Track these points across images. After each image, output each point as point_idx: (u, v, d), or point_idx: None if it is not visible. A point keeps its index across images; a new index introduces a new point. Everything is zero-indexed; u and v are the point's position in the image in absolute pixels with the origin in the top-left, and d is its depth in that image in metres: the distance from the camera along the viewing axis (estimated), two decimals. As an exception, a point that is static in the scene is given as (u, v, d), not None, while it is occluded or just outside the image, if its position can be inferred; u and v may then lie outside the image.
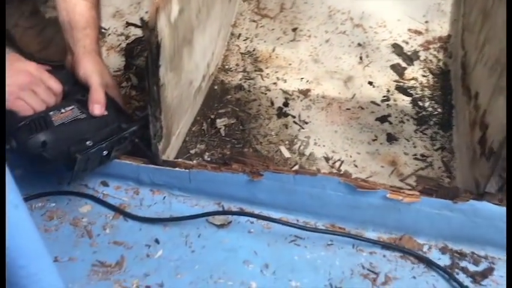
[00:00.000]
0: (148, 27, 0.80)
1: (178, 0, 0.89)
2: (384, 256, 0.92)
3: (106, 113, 0.94)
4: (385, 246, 0.93)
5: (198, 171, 0.95)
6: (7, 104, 0.86)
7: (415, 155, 1.13)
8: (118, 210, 0.97)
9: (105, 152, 0.91)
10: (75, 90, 0.96)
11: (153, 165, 0.97)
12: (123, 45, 1.36)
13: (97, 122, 0.92)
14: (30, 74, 0.90)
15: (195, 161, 0.96)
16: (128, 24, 1.41)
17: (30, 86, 0.89)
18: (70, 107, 0.92)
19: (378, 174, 1.08)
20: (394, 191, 0.90)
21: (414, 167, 1.10)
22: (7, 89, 0.85)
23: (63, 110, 0.91)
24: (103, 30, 1.38)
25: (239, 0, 1.45)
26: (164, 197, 1.00)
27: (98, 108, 0.94)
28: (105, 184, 1.02)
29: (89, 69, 0.97)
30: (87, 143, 0.88)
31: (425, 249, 0.93)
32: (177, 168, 0.96)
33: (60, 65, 1.07)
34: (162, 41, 0.84)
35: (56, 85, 0.93)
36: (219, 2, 1.21)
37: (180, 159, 0.98)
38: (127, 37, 1.38)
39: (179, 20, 0.91)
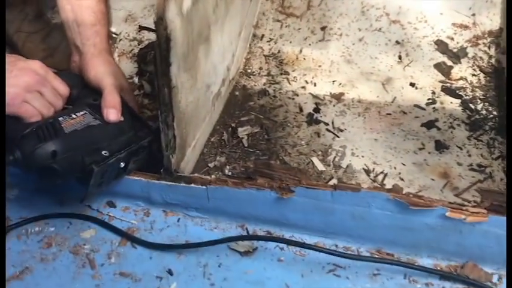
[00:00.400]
0: (156, 16, 0.67)
1: (191, -12, 0.76)
2: (443, 288, 0.76)
3: (122, 119, 0.82)
4: (444, 276, 0.77)
5: (217, 188, 0.81)
6: (11, 109, 0.75)
7: (471, 165, 0.97)
8: (125, 235, 0.84)
9: (122, 164, 0.79)
10: (85, 93, 0.85)
11: (165, 182, 0.83)
12: (136, 50, 1.24)
13: (112, 130, 0.80)
14: (36, 73, 0.78)
15: (213, 176, 0.82)
16: (141, 28, 1.29)
17: (37, 87, 0.78)
18: (81, 112, 0.80)
19: (428, 189, 0.93)
20: (454, 208, 0.75)
21: (471, 179, 0.94)
22: (11, 90, 0.75)
23: (74, 116, 0.79)
24: (114, 35, 1.27)
25: (261, -1, 1.32)
26: (178, 219, 0.86)
27: (113, 113, 0.81)
28: (111, 205, 0.89)
29: (101, 70, 0.85)
30: (103, 153, 0.77)
31: (494, 279, 0.77)
32: (192, 185, 0.82)
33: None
34: (172, 33, 0.70)
35: (63, 87, 0.82)
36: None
37: (196, 174, 0.84)
38: (140, 42, 1.26)
39: (193, 12, 0.78)
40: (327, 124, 1.05)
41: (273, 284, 0.77)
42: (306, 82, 1.14)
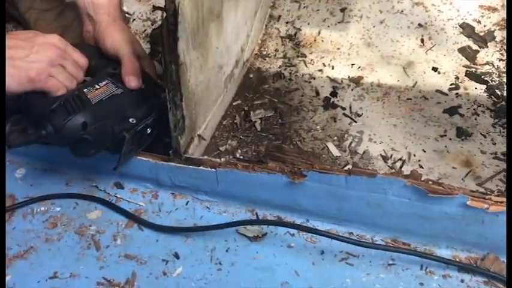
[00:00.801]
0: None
1: (203, -40, 0.72)
2: (462, 281, 0.73)
3: (143, 86, 0.82)
4: (463, 268, 0.73)
5: (226, 171, 0.78)
6: (39, 84, 0.74)
7: (495, 153, 0.92)
8: (132, 217, 0.82)
9: (149, 130, 0.79)
10: (104, 63, 0.84)
11: (174, 164, 0.81)
12: (149, 31, 1.21)
13: (135, 97, 0.81)
14: (57, 47, 0.77)
15: (223, 159, 0.79)
16: (155, 8, 1.26)
17: (59, 61, 0.77)
18: (104, 82, 0.80)
19: (448, 177, 0.88)
20: (476, 197, 0.70)
21: (494, 168, 0.89)
22: (35, 66, 0.74)
23: (97, 86, 0.78)
24: (127, 15, 1.24)
25: (279, -21, 1.28)
26: (187, 202, 0.84)
27: (134, 80, 0.81)
28: (119, 186, 0.87)
29: (118, 38, 0.84)
30: (131, 120, 0.77)
31: (517, 273, 0.72)
32: (201, 167, 0.79)
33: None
34: (180, 6, 0.67)
35: (83, 59, 0.82)
36: (255, -24, 1.05)
37: (206, 157, 0.81)
38: (153, 22, 1.23)
39: (204, -15, 0.75)
40: (344, 109, 1.01)
41: (282, 271, 0.73)
42: (324, 65, 1.10)
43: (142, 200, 0.85)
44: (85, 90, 0.77)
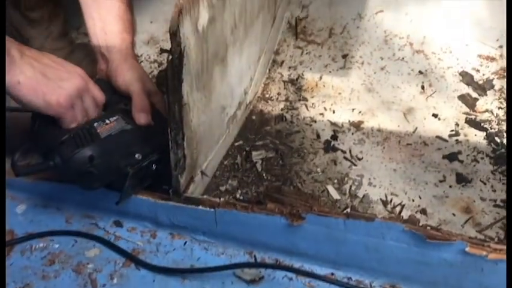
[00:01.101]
0: (170, 31, 0.66)
1: (209, 6, 0.75)
2: (463, 330, 0.71)
3: (152, 122, 0.83)
4: (464, 317, 0.72)
5: (225, 211, 0.78)
6: (61, 110, 0.75)
7: (495, 200, 0.92)
8: (130, 257, 0.81)
9: (154, 166, 0.80)
10: (116, 99, 0.86)
11: (173, 203, 0.81)
12: (156, 72, 1.24)
13: (144, 133, 0.82)
14: (83, 79, 0.78)
15: (222, 199, 0.79)
16: (162, 51, 1.30)
17: (82, 93, 0.78)
18: (114, 118, 0.81)
19: (448, 223, 0.88)
20: (475, 243, 0.70)
21: (494, 215, 0.89)
22: (63, 92, 0.74)
23: (107, 121, 0.80)
24: (135, 57, 1.27)
25: (283, 26, 1.31)
26: (185, 243, 0.84)
27: (143, 117, 0.82)
28: (118, 224, 0.87)
29: (129, 76, 0.86)
30: (136, 156, 0.78)
31: (518, 324, 0.70)
32: (200, 207, 0.79)
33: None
34: (186, 50, 0.69)
35: (101, 96, 0.82)
36: (259, 23, 1.08)
37: (205, 196, 0.82)
38: (160, 64, 1.27)
39: (209, 30, 0.77)
40: (344, 152, 1.02)
41: (278, 316, 0.73)
42: (325, 109, 1.12)
43: (141, 240, 0.85)
44: (95, 124, 0.78)
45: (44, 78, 0.73)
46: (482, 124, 1.07)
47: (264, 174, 0.96)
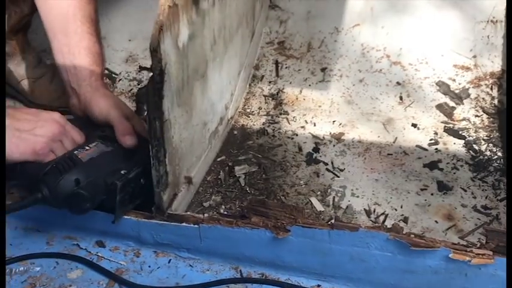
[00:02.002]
0: (150, 47, 0.66)
1: (188, 23, 0.76)
2: (450, 337, 0.71)
3: (137, 143, 0.85)
4: (450, 323, 0.72)
5: (209, 227, 0.77)
6: (40, 158, 0.78)
7: (475, 206, 0.93)
8: (113, 277, 0.80)
9: (142, 181, 0.80)
10: (92, 129, 0.88)
11: (156, 221, 0.80)
12: (135, 90, 1.24)
13: (126, 152, 0.83)
14: (59, 124, 0.81)
15: (206, 215, 0.79)
16: (141, 68, 1.30)
17: (60, 137, 0.81)
18: (94, 143, 0.83)
19: (431, 231, 0.89)
20: (458, 249, 0.70)
21: (476, 221, 0.91)
22: (40, 140, 0.78)
23: (87, 148, 0.82)
24: (114, 75, 1.27)
25: (262, 41, 1.32)
26: (169, 260, 0.82)
27: (129, 139, 0.84)
28: (100, 244, 0.85)
29: (104, 106, 0.88)
30: (122, 172, 0.79)
31: (504, 328, 0.71)
32: (184, 223, 0.79)
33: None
34: (167, 67, 0.70)
35: (79, 137, 0.84)
36: (238, 39, 1.09)
37: (188, 213, 0.81)
38: (139, 82, 1.26)
39: (189, 47, 0.78)
40: (326, 164, 1.02)
41: (266, 331, 0.72)
42: (306, 122, 1.13)
43: (124, 259, 0.83)
44: (75, 152, 0.80)
45: (16, 132, 0.76)
46: (460, 132, 1.09)
47: (247, 189, 0.96)
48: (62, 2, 0.90)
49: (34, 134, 0.77)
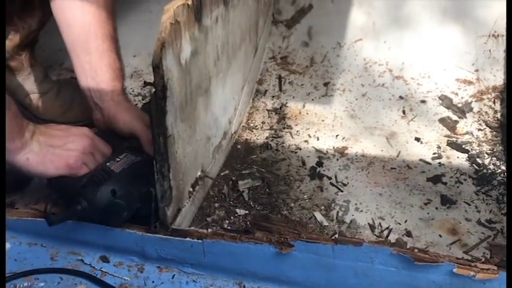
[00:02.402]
0: (153, 64, 0.67)
1: (191, 39, 0.77)
2: None
3: None
4: None
5: (213, 242, 0.78)
6: (74, 171, 0.81)
7: (479, 220, 0.93)
8: (117, 292, 0.80)
9: None
10: (119, 142, 0.92)
11: (160, 235, 0.80)
12: (140, 105, 1.25)
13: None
14: (89, 138, 0.85)
15: (210, 230, 0.79)
16: (146, 84, 1.31)
17: (90, 150, 0.85)
18: (123, 155, 0.86)
19: (435, 245, 0.88)
20: (462, 264, 0.70)
21: (480, 235, 0.90)
22: (72, 154, 0.81)
23: (117, 159, 0.85)
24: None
25: (265, 56, 1.34)
26: (173, 276, 0.82)
27: None
28: (104, 259, 0.85)
29: (128, 118, 0.92)
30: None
31: None
32: (188, 238, 0.79)
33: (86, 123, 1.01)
34: (169, 83, 0.70)
35: (107, 148, 0.88)
36: (242, 54, 1.10)
37: (192, 228, 0.81)
38: (144, 97, 1.27)
39: (192, 63, 0.79)
40: (330, 178, 1.02)
41: None
42: (309, 136, 1.13)
43: (128, 274, 0.83)
44: (107, 164, 0.83)
45: (50, 148, 0.80)
46: (463, 146, 1.09)
47: (251, 203, 0.96)
48: (83, 20, 0.92)
49: (66, 149, 0.81)
